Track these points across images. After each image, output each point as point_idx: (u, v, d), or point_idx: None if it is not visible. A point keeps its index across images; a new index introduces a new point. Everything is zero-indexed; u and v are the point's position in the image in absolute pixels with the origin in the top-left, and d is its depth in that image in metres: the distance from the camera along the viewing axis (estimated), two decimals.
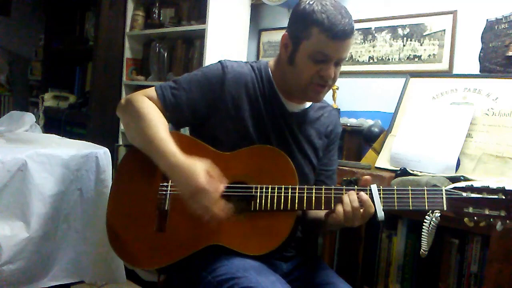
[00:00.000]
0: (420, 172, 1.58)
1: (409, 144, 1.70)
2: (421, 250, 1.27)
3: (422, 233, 1.28)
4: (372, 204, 1.11)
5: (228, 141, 1.24)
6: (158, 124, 1.19)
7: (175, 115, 1.25)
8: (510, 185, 1.18)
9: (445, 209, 1.09)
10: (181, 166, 1.12)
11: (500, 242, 1.27)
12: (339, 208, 1.13)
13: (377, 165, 1.76)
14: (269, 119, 1.27)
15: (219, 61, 1.29)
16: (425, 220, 1.28)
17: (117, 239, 1.25)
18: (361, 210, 1.11)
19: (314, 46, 1.17)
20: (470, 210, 1.08)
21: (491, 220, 1.08)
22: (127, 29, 3.00)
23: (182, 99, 1.24)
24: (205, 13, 2.46)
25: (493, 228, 1.11)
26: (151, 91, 1.26)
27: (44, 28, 3.90)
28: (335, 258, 1.75)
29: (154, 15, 2.93)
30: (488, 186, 1.09)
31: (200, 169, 1.11)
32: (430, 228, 1.27)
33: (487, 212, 1.07)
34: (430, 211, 1.29)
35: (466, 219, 1.11)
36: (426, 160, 1.63)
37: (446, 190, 1.10)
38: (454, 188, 1.10)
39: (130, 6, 2.99)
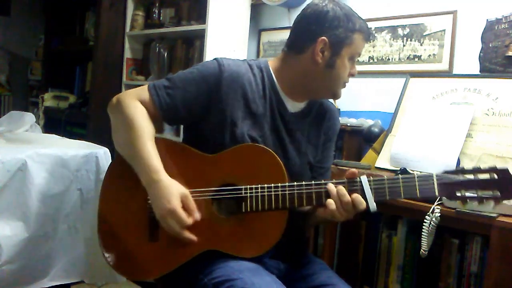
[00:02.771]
0: (420, 172, 1.58)
1: (409, 144, 1.70)
2: (421, 250, 1.27)
3: (422, 233, 1.28)
4: (362, 200, 1.10)
5: (221, 141, 1.22)
6: (145, 135, 1.17)
7: (170, 115, 1.24)
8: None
9: (437, 194, 1.09)
10: (160, 185, 1.12)
11: (500, 242, 1.27)
12: (328, 203, 1.12)
13: (377, 165, 1.76)
14: (267, 119, 1.26)
15: (215, 59, 1.25)
16: (425, 220, 1.28)
17: (111, 252, 1.24)
18: (350, 206, 1.11)
19: (355, 49, 1.25)
20: (463, 192, 1.07)
21: (484, 201, 1.07)
22: (127, 29, 3.00)
23: (178, 98, 1.22)
24: (205, 13, 2.47)
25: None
26: (144, 92, 1.23)
27: (44, 28, 3.91)
28: (335, 258, 1.75)
29: (154, 15, 2.93)
30: (479, 167, 1.08)
31: (176, 192, 1.12)
32: (430, 228, 1.27)
33: (479, 193, 1.06)
34: (430, 211, 1.29)
35: (458, 202, 1.11)
36: (426, 160, 1.63)
37: (436, 175, 1.09)
38: (445, 172, 1.09)
39: (130, 6, 2.99)
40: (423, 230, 1.28)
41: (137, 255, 1.21)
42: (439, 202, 1.31)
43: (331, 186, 1.13)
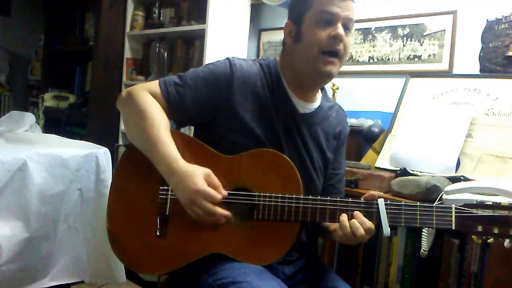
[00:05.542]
0: (420, 172, 1.58)
1: (409, 144, 1.70)
2: (421, 250, 1.28)
3: (422, 233, 1.28)
4: (372, 226, 1.09)
5: (234, 141, 1.20)
6: (160, 125, 1.16)
7: (179, 113, 1.21)
8: (509, 185, 1.17)
9: (453, 228, 1.05)
10: (180, 172, 1.10)
11: (500, 242, 1.27)
12: (340, 232, 1.11)
13: (377, 165, 1.76)
14: (279, 120, 1.23)
15: (227, 58, 1.24)
16: None
17: (119, 244, 1.23)
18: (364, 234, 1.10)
19: (318, 9, 1.17)
20: (479, 229, 1.04)
21: (500, 239, 1.04)
22: (127, 29, 3.00)
23: (187, 97, 1.20)
24: (205, 13, 2.46)
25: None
26: (155, 86, 1.21)
27: (44, 28, 3.90)
28: (335, 258, 1.75)
29: (154, 15, 2.93)
30: (500, 203, 1.04)
31: (198, 173, 1.10)
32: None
33: (496, 231, 1.03)
34: None
35: (474, 237, 1.07)
36: (426, 160, 1.63)
37: (456, 208, 1.05)
38: (465, 205, 1.06)
39: (130, 6, 2.99)
40: (423, 230, 1.28)
41: (144, 250, 1.20)
42: (439, 202, 1.31)
43: (343, 217, 1.11)
